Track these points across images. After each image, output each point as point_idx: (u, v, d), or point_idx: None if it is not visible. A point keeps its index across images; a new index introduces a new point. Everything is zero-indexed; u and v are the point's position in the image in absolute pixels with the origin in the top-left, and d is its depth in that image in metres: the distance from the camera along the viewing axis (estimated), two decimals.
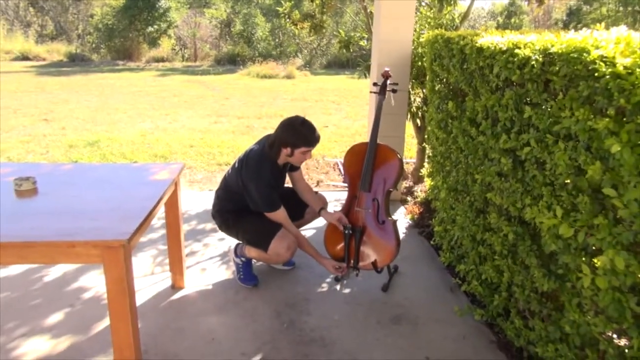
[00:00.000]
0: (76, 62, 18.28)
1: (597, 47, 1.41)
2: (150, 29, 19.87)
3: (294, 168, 2.71)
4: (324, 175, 4.97)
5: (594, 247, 1.47)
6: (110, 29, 19.51)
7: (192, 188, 4.49)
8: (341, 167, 5.16)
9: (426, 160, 3.80)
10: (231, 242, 3.17)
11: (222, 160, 5.41)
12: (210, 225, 3.48)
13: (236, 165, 2.57)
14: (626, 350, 1.40)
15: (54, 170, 2.35)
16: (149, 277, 2.76)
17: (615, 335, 1.48)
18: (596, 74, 1.36)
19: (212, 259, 3.01)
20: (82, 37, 21.61)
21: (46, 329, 2.27)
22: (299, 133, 2.42)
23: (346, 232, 2.60)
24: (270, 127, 7.23)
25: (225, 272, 2.84)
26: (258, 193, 2.46)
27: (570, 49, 1.50)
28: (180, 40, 21.23)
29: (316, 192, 2.85)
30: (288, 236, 2.48)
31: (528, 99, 1.83)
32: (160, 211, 3.36)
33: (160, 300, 2.52)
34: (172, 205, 2.48)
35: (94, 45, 20.35)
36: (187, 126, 7.25)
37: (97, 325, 2.29)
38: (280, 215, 2.51)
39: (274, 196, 2.50)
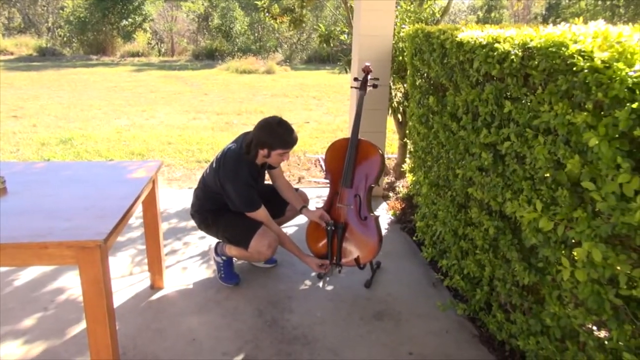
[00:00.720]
0: (47, 57, 17.84)
1: (575, 42, 1.43)
2: (124, 22, 19.50)
3: (272, 166, 2.70)
4: (305, 172, 4.96)
5: (573, 240, 1.50)
6: (83, 22, 19.07)
7: (171, 186, 4.44)
8: (322, 163, 5.16)
9: (408, 155, 3.83)
10: (212, 240, 3.15)
11: (202, 157, 5.36)
12: (191, 223, 3.44)
13: (214, 165, 2.55)
14: (606, 342, 1.43)
15: (25, 169, 2.29)
16: (127, 277, 2.72)
17: (595, 327, 1.52)
18: (574, 68, 1.39)
19: (192, 257, 2.99)
20: (52, 31, 21.08)
21: (19, 333, 2.22)
22: (275, 134, 2.40)
23: (328, 228, 2.60)
24: (250, 123, 7.19)
25: (206, 271, 2.81)
26: (236, 193, 2.44)
27: (549, 44, 1.53)
28: (157, 34, 20.90)
29: (297, 189, 2.84)
30: (269, 233, 2.48)
31: (508, 94, 1.85)
32: (138, 210, 3.32)
33: (139, 301, 2.49)
34: (150, 203, 2.45)
35: (65, 39, 19.87)
36: (164, 123, 7.16)
37: (74, 329, 2.25)
38: (260, 214, 2.50)
39: (253, 196, 2.48)
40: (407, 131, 3.34)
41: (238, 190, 2.44)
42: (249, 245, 2.46)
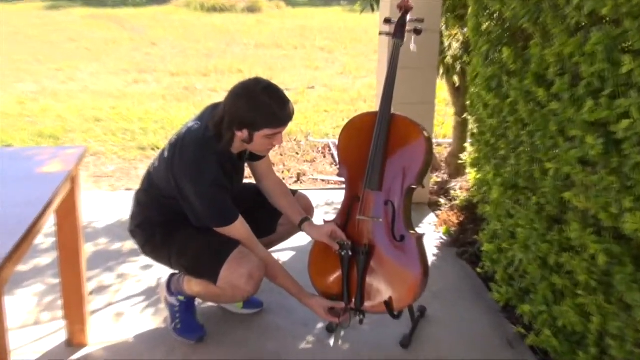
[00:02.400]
0: None
1: None
2: None
3: (256, 156, 2.69)
4: (307, 165, 4.96)
5: None
6: None
7: (100, 186, 4.46)
8: (335, 152, 5.16)
9: (469, 140, 3.80)
10: (163, 271, 3.15)
11: (147, 141, 5.38)
12: (129, 244, 3.45)
13: (165, 153, 2.54)
14: None
15: None
16: (31, 328, 2.73)
17: None
18: None
19: (131, 298, 3.00)
20: None
21: None
22: (260, 105, 2.37)
23: (343, 253, 2.59)
24: (222, 89, 7.20)
25: (153, 320, 2.82)
26: (200, 199, 2.44)
27: None
28: None
29: (295, 192, 2.84)
30: (249, 259, 2.47)
31: (627, 45, 1.83)
32: (50, 224, 3.32)
33: None
34: (68, 213, 2.45)
35: None
36: (90, 88, 7.20)
37: None
38: (238, 229, 2.50)
39: (226, 202, 2.48)
40: (468, 102, 3.32)
41: (202, 193, 2.43)
42: (218, 276, 2.45)
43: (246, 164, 2.73)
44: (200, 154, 2.44)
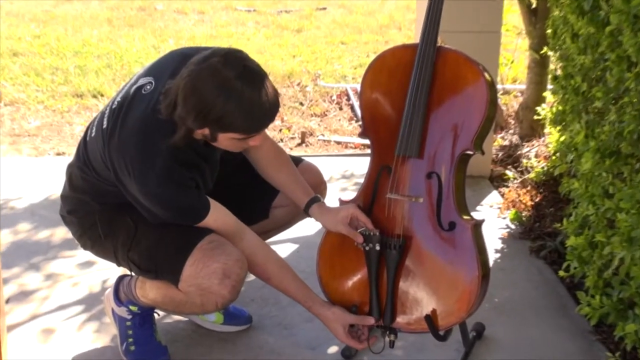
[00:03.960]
0: None
1: None
2: None
3: None
4: (316, 121, 4.95)
5: None
6: None
7: (19, 149, 4.49)
8: (356, 103, 5.17)
9: (550, 86, 3.78)
10: (108, 270, 3.15)
11: (86, 85, 5.39)
12: (62, 232, 3.49)
13: (104, 121, 2.49)
14: None
15: None
16: None
17: None
18: None
19: (65, 308, 3.02)
20: None
21: None
22: (229, 99, 2.27)
23: (368, 248, 2.60)
24: (193, 11, 7.17)
25: (96, 338, 2.85)
26: (148, 199, 2.43)
27: None
28: None
29: (299, 161, 2.86)
30: (223, 248, 2.48)
31: None
32: None
33: None
34: None
35: None
36: (4, 9, 7.19)
37: None
38: (211, 224, 2.51)
39: (187, 196, 2.47)
40: (549, 31, 3.30)
41: (150, 194, 2.42)
42: (181, 274, 2.46)
43: None
44: (147, 139, 2.40)
